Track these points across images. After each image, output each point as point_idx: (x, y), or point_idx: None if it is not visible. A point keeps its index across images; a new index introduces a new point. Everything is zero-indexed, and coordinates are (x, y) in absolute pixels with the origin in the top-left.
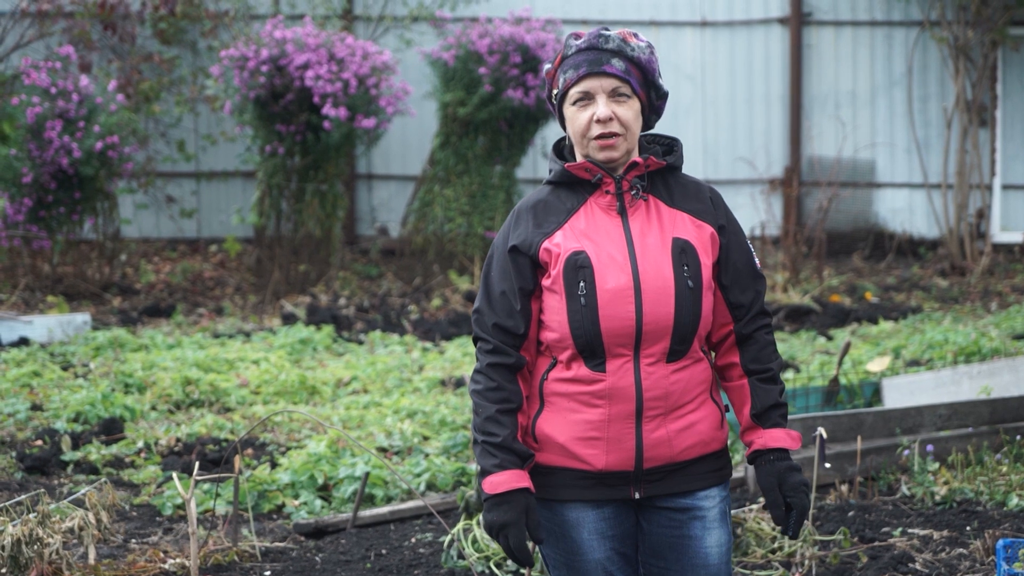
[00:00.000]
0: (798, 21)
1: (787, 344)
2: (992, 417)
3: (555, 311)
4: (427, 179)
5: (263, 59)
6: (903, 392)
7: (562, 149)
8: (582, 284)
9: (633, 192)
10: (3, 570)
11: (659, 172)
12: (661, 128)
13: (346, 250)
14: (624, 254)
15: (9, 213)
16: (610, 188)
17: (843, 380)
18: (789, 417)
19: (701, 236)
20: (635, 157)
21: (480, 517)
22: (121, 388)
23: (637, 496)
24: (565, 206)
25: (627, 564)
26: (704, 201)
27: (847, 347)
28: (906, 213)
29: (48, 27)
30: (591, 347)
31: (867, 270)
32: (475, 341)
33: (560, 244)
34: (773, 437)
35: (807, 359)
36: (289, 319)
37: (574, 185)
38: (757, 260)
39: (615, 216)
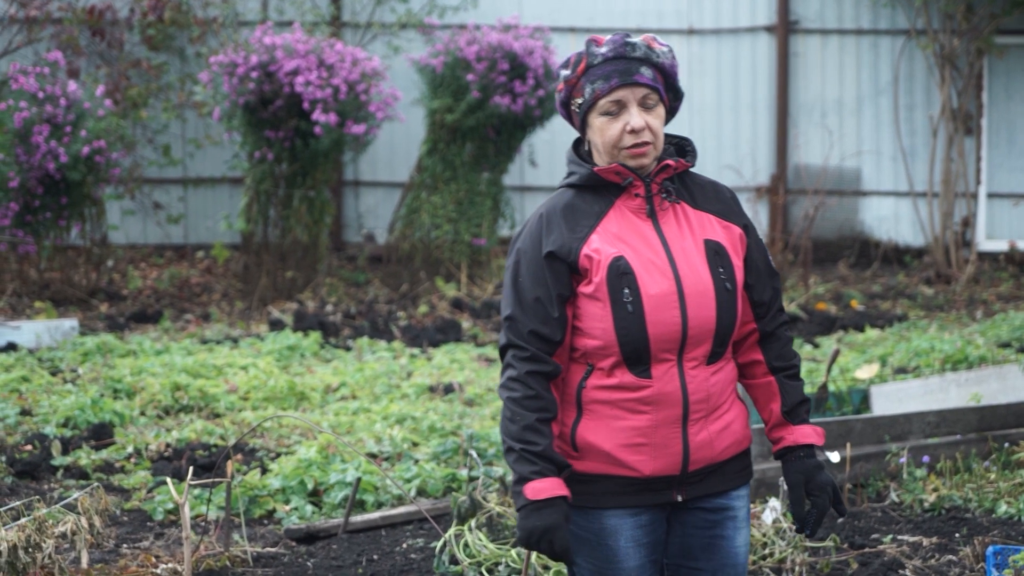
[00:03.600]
0: (785, 29)
1: None
2: (980, 424)
3: (598, 319)
4: (414, 186)
5: (252, 65)
6: (891, 399)
7: (580, 151)
8: (627, 291)
9: (664, 195)
10: None
11: (678, 173)
12: None
13: (333, 257)
14: (663, 258)
15: None
16: (639, 191)
17: (831, 387)
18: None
19: (730, 237)
20: (667, 160)
21: (470, 523)
22: (110, 393)
23: (679, 499)
24: (593, 209)
25: (656, 571)
26: (727, 201)
27: (835, 354)
28: (892, 221)
29: (36, 33)
30: (637, 354)
31: (853, 278)
32: (507, 348)
33: (599, 249)
34: (803, 433)
35: None
36: (276, 325)
37: (599, 189)
38: (771, 257)
39: (646, 219)
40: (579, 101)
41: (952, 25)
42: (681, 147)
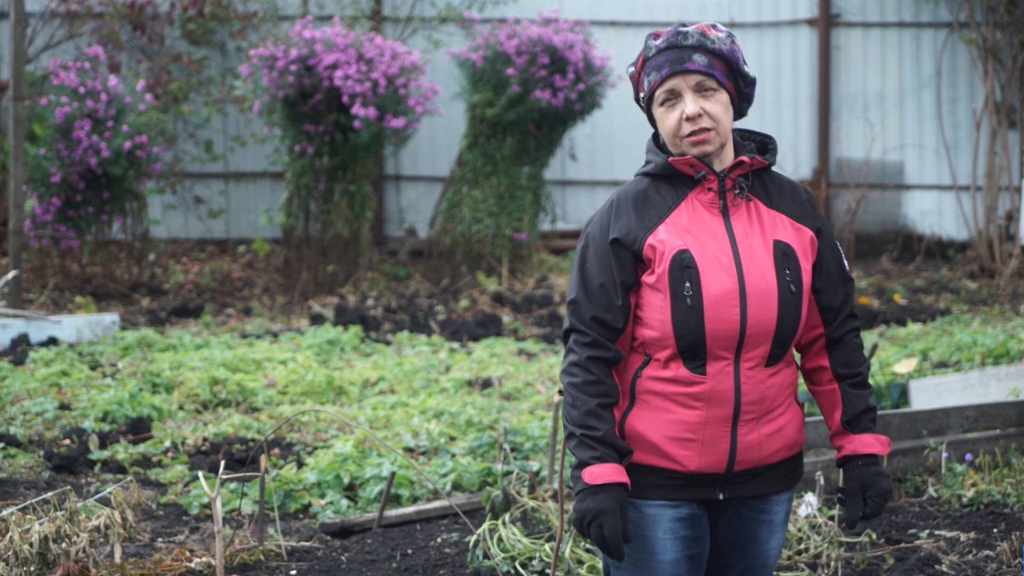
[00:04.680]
0: (826, 22)
1: None
2: (1020, 419)
3: (657, 309)
4: (455, 180)
5: (292, 59)
6: (930, 394)
7: (659, 140)
8: (688, 284)
9: (737, 191)
10: (32, 568)
11: (756, 171)
12: None
13: (374, 251)
14: (728, 255)
15: (38, 213)
16: (713, 186)
17: (870, 381)
18: (817, 419)
19: (801, 240)
20: (742, 156)
21: (504, 517)
22: (149, 388)
23: (721, 497)
24: (666, 201)
25: (695, 568)
26: (802, 203)
27: (874, 349)
28: (935, 215)
29: (77, 28)
30: (693, 348)
31: (896, 272)
32: (570, 332)
33: (664, 241)
34: (863, 443)
35: None
36: (317, 320)
37: (673, 179)
38: (846, 261)
39: (717, 215)
40: (642, 95)
41: (995, 18)
42: (764, 145)
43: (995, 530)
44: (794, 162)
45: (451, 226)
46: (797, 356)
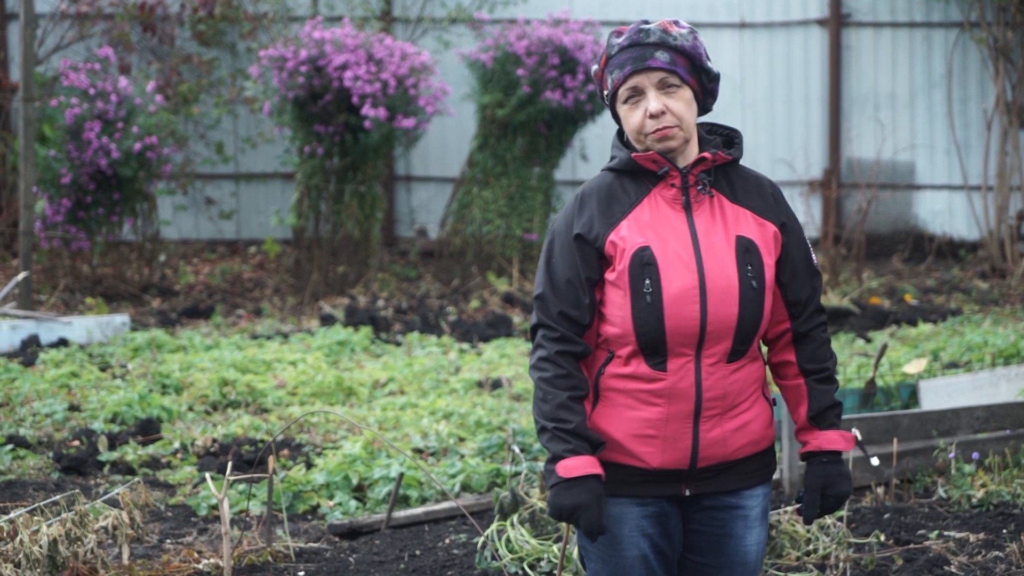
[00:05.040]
0: (837, 22)
1: None
2: None
3: (618, 307)
4: (465, 181)
5: (302, 59)
6: (940, 394)
7: (624, 137)
8: (648, 282)
9: (699, 187)
10: (41, 570)
11: (721, 165)
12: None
13: (385, 252)
14: (690, 252)
15: (48, 214)
16: (675, 181)
17: (880, 382)
18: None
19: (764, 235)
20: (705, 152)
21: (512, 518)
22: (158, 389)
23: (688, 493)
24: (629, 197)
25: (664, 562)
26: (766, 197)
27: (883, 349)
28: (946, 215)
29: (88, 29)
30: (653, 345)
31: (907, 272)
32: (537, 328)
33: (626, 237)
34: (828, 439)
35: (845, 361)
36: (327, 320)
37: (638, 175)
38: (814, 256)
39: (679, 210)
40: (606, 92)
41: (1006, 17)
42: (730, 139)
43: (1005, 531)
44: (805, 162)
45: (462, 227)
46: (765, 351)
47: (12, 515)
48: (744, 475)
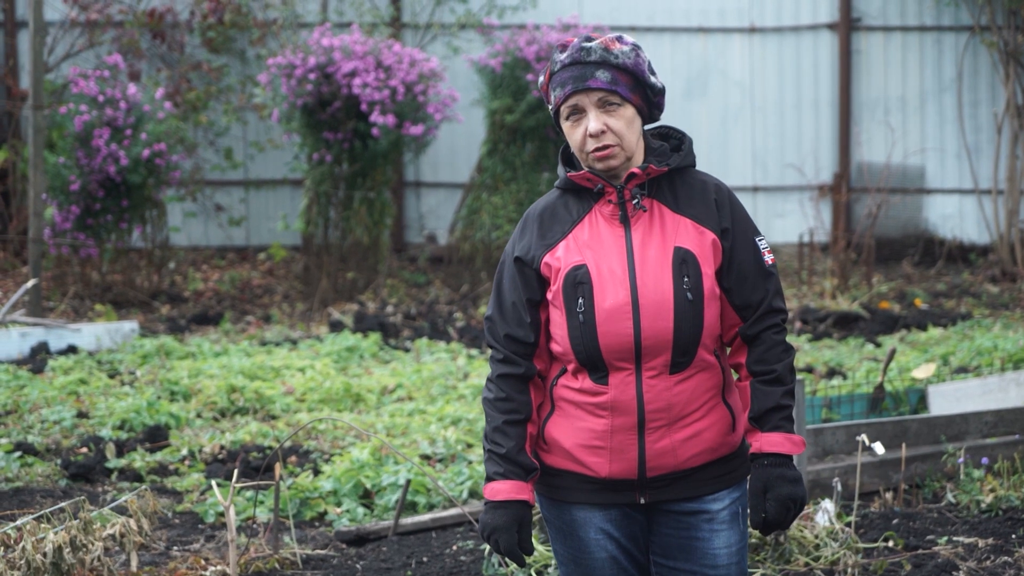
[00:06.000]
0: (847, 27)
1: (835, 351)
2: None
3: (558, 325)
4: (475, 186)
5: (310, 67)
6: (949, 399)
7: (570, 154)
8: (580, 301)
9: (634, 202)
10: None
11: (666, 174)
12: (711, 133)
13: (394, 258)
14: (624, 267)
15: (57, 221)
16: (612, 198)
17: (888, 387)
18: (834, 424)
19: (702, 243)
20: (634, 167)
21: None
22: (167, 396)
23: (643, 501)
24: (571, 215)
25: (633, 562)
26: (708, 204)
27: (892, 354)
28: (956, 219)
29: (97, 36)
30: (592, 362)
31: (917, 276)
32: (488, 348)
33: (561, 258)
34: (769, 441)
35: (854, 366)
36: (336, 327)
37: (581, 192)
38: (768, 256)
39: (618, 226)
40: (550, 107)
41: (1016, 21)
42: (680, 144)
43: (1014, 536)
44: (815, 166)
45: (471, 232)
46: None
47: (19, 522)
48: (701, 483)
